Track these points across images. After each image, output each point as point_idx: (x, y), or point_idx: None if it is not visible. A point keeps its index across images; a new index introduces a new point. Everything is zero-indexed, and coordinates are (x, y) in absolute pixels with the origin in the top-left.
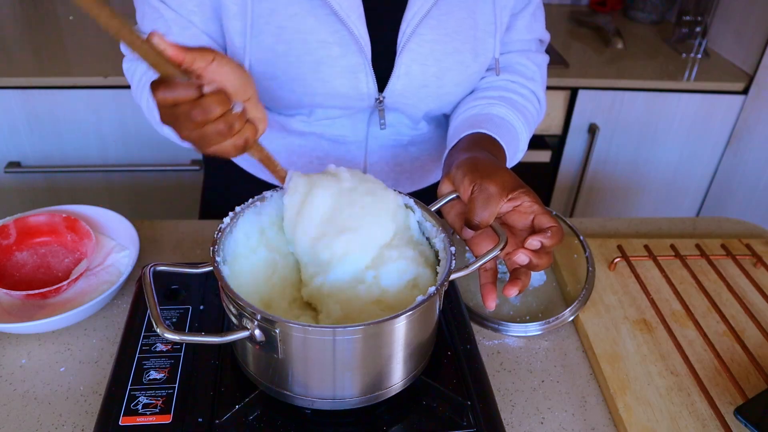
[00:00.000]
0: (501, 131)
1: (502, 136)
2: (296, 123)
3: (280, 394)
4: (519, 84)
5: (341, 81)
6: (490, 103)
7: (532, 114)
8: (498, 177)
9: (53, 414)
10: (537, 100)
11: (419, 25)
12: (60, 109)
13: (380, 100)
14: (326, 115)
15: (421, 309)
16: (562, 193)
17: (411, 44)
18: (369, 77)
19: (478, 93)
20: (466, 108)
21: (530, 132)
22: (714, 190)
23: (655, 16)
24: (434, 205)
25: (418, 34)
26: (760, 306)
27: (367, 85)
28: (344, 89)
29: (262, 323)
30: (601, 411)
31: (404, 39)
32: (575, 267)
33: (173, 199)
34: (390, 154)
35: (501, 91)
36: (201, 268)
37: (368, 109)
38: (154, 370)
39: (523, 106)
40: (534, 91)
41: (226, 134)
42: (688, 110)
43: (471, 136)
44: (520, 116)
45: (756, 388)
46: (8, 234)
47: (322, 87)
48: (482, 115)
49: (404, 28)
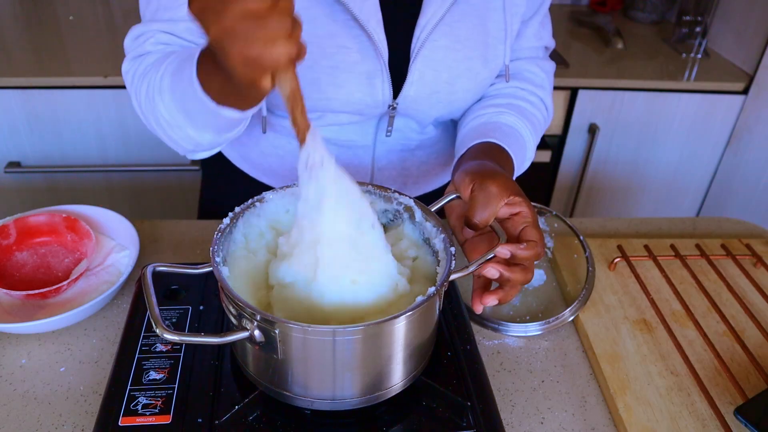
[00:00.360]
0: (509, 140)
1: (510, 145)
2: None
3: (280, 395)
4: (528, 91)
5: (358, 87)
6: (499, 111)
7: (539, 121)
8: (499, 178)
9: (53, 414)
10: (545, 108)
11: (433, 32)
12: (60, 109)
13: (393, 106)
14: (337, 120)
15: (420, 309)
16: (562, 193)
17: (424, 50)
18: (386, 83)
19: (486, 101)
20: (474, 116)
21: (537, 140)
22: (714, 190)
23: (655, 16)
24: (435, 205)
25: (432, 40)
26: (760, 306)
27: (382, 92)
28: (360, 95)
29: (261, 324)
30: (601, 411)
31: (418, 45)
32: (575, 267)
33: (173, 199)
34: (397, 159)
35: (510, 99)
36: (200, 269)
37: (378, 116)
38: (154, 371)
39: (532, 113)
40: (542, 98)
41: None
42: (688, 110)
43: (479, 145)
44: (528, 124)
45: (756, 388)
46: (8, 234)
47: (337, 92)
48: (491, 124)
49: (418, 34)
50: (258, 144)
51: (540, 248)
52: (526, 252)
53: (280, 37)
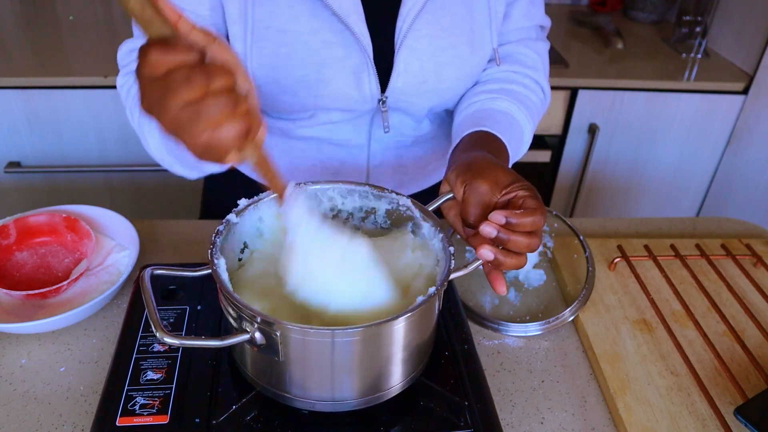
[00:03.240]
0: (502, 127)
1: (503, 132)
2: (297, 128)
3: (279, 396)
4: (520, 74)
5: (345, 82)
6: (492, 97)
7: (535, 104)
8: (490, 175)
9: (53, 414)
10: (540, 89)
11: (415, 21)
12: (60, 109)
13: (383, 101)
14: (329, 119)
15: (420, 310)
16: (562, 193)
17: (408, 41)
18: (372, 77)
19: (479, 87)
20: (467, 104)
21: (535, 123)
22: (714, 190)
23: (655, 16)
24: (431, 205)
25: (415, 29)
26: (760, 306)
27: (369, 86)
28: (348, 90)
29: (262, 326)
30: (601, 411)
31: (401, 35)
32: (575, 267)
33: (173, 199)
34: (393, 156)
35: (502, 84)
36: (199, 272)
37: (370, 112)
38: (152, 371)
39: (526, 96)
40: (537, 80)
41: (228, 111)
42: (688, 110)
43: (471, 135)
44: (522, 108)
45: (756, 388)
46: (8, 234)
47: (325, 88)
48: (483, 111)
49: (400, 25)
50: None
51: (539, 216)
52: (523, 218)
53: (222, 119)
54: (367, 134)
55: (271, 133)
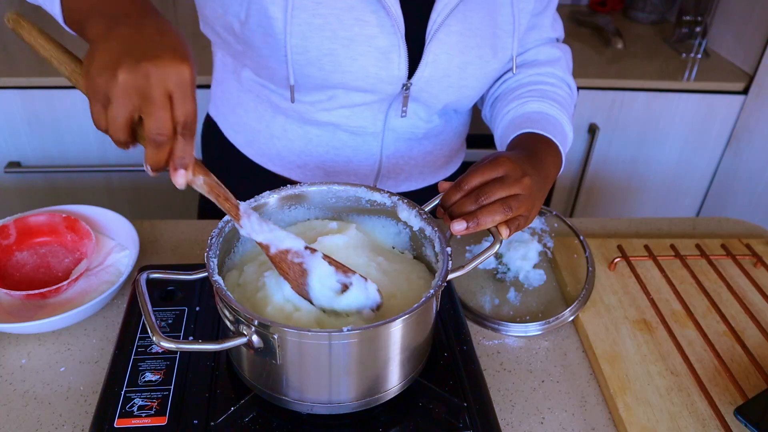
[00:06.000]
0: (541, 125)
1: (543, 129)
2: (316, 111)
3: (277, 399)
4: (544, 74)
5: (373, 61)
6: (522, 102)
7: (564, 98)
8: (482, 162)
9: (53, 414)
10: (566, 85)
11: (448, 17)
12: (60, 109)
13: (407, 86)
14: (349, 100)
15: (417, 312)
16: (562, 193)
17: (440, 34)
18: (402, 59)
19: (509, 95)
20: (502, 116)
21: (569, 114)
22: (714, 190)
23: (655, 16)
24: (427, 205)
25: (447, 24)
26: (760, 306)
27: (398, 67)
28: (375, 69)
29: (259, 329)
30: (601, 411)
31: (434, 27)
32: (575, 267)
33: (173, 199)
34: (405, 147)
35: (529, 87)
36: (195, 275)
37: (390, 98)
38: (150, 372)
39: (554, 92)
40: (561, 77)
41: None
42: (688, 110)
43: (515, 140)
44: (552, 103)
45: (756, 388)
46: (8, 234)
47: (351, 65)
48: (519, 117)
49: (435, 17)
50: (268, 127)
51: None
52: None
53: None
54: (382, 122)
55: (288, 116)
